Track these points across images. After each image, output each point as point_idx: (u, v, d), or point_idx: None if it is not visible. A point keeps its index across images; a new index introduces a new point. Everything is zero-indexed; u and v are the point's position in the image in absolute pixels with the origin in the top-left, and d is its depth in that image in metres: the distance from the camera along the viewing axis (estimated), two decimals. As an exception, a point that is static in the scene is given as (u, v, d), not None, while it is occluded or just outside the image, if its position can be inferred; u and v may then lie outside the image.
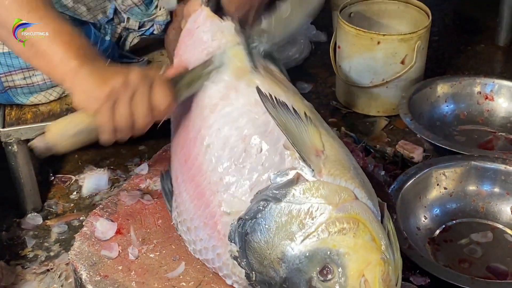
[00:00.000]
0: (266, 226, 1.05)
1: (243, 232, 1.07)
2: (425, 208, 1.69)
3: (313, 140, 1.09)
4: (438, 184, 1.73)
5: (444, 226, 1.69)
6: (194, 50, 1.35)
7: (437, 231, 1.68)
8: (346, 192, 1.05)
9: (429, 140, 1.88)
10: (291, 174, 1.06)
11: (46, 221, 1.79)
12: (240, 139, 1.14)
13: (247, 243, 1.06)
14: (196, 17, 1.40)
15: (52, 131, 1.16)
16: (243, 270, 1.08)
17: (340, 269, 0.99)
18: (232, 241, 1.08)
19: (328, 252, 1.00)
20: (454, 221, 1.71)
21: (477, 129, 2.08)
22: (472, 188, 1.74)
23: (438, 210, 1.71)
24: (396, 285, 1.02)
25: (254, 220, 1.06)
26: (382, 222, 1.08)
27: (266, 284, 1.06)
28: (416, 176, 1.68)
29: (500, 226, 1.70)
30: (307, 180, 1.06)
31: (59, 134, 1.15)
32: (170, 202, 1.29)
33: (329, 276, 0.99)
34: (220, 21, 1.36)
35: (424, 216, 1.68)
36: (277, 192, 1.06)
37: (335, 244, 1.00)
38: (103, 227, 1.29)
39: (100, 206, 1.36)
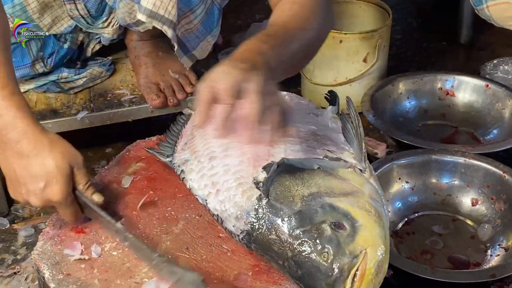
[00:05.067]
0: (305, 174, 1.16)
1: (281, 169, 1.16)
2: (387, 202, 1.71)
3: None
4: (399, 178, 1.76)
5: (406, 219, 1.73)
6: None
7: (400, 224, 1.71)
8: (380, 197, 1.19)
9: (392, 136, 1.91)
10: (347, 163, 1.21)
11: (13, 225, 1.79)
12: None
13: (279, 176, 1.16)
14: None
15: None
16: (256, 194, 1.15)
17: (351, 231, 1.08)
18: (265, 170, 1.16)
19: (349, 216, 1.10)
20: (416, 214, 1.75)
21: (439, 124, 2.12)
22: (432, 181, 1.77)
23: (400, 204, 1.75)
24: (379, 283, 1.08)
25: (296, 168, 1.17)
26: None
27: (275, 209, 1.12)
28: (378, 171, 1.70)
29: (461, 217, 1.74)
30: (359, 170, 1.20)
31: None
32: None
33: (340, 230, 1.08)
34: None
35: (387, 210, 1.71)
36: (328, 164, 1.19)
37: (358, 215, 1.10)
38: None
39: (64, 206, 1.36)
